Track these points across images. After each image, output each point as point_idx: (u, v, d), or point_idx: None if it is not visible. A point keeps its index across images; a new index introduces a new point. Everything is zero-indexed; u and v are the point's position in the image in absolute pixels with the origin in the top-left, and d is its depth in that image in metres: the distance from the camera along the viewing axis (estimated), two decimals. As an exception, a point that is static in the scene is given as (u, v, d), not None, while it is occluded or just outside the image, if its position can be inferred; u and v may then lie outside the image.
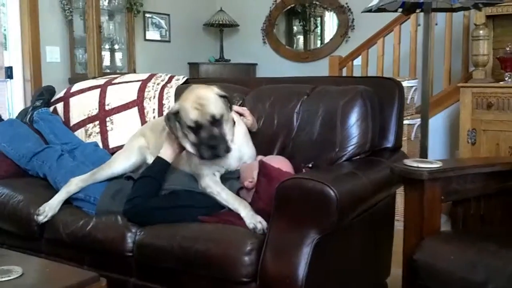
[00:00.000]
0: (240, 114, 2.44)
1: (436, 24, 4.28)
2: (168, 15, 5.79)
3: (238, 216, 2.05)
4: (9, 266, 1.63)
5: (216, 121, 2.10)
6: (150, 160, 2.45)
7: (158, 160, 2.26)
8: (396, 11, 2.91)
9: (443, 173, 1.84)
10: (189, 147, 2.18)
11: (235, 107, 2.43)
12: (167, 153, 2.25)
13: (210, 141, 2.09)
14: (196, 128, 2.10)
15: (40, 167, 2.62)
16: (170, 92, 2.93)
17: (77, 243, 2.25)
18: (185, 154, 2.30)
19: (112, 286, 1.73)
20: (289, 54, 6.14)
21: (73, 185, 2.37)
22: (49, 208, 2.32)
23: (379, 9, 2.72)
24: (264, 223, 1.94)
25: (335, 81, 2.66)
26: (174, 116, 2.15)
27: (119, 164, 2.45)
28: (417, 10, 2.97)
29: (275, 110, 2.47)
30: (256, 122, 2.50)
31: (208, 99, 2.11)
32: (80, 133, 2.94)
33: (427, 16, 2.81)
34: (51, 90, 3.11)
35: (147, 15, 5.57)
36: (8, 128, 2.81)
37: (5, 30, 4.70)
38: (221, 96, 2.16)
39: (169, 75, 3.09)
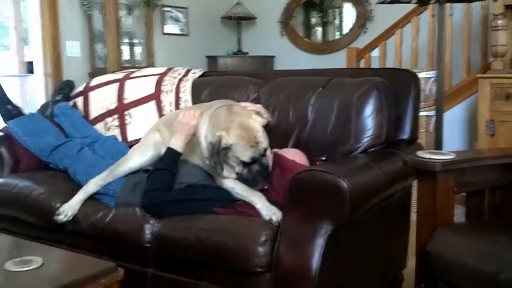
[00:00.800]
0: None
1: (451, 15, 4.23)
2: (186, 8, 5.82)
3: (253, 208, 2.08)
4: (30, 256, 1.68)
5: (265, 154, 2.17)
6: None
7: (169, 151, 2.29)
8: (409, 2, 2.89)
9: (456, 164, 1.83)
10: (226, 173, 2.20)
11: (251, 106, 2.46)
12: (177, 142, 2.29)
13: (262, 173, 2.16)
14: (250, 163, 2.15)
15: (60, 160, 2.67)
16: (186, 85, 2.96)
17: (97, 234, 2.30)
18: (199, 152, 2.34)
19: (131, 276, 1.76)
20: (307, 46, 6.13)
21: (92, 184, 2.41)
22: (68, 208, 2.37)
23: (394, 1, 2.71)
24: (279, 214, 1.96)
25: (351, 73, 2.66)
26: (224, 151, 2.15)
27: (136, 160, 2.48)
28: (432, 1, 2.94)
29: (290, 102, 2.48)
30: (271, 117, 2.52)
31: (258, 132, 2.18)
32: (99, 127, 2.99)
33: (441, 7, 2.79)
34: (71, 85, 3.16)
35: (165, 8, 5.60)
36: (29, 122, 2.87)
37: (25, 25, 4.79)
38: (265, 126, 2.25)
39: (186, 69, 3.12)
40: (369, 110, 2.30)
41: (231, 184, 2.20)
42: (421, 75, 3.66)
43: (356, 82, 2.40)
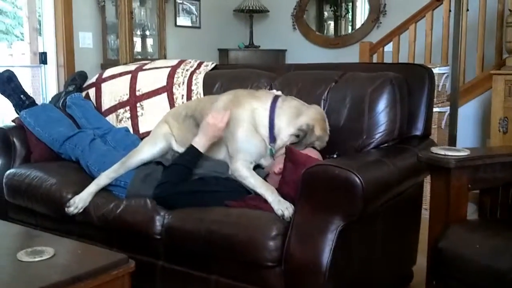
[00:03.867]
0: None
1: (468, 10, 4.19)
2: (199, 1, 5.80)
3: (264, 201, 2.07)
4: (42, 247, 1.69)
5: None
6: (174, 145, 2.50)
7: (191, 149, 2.28)
8: (428, -4, 2.87)
9: (471, 161, 1.82)
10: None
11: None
12: (201, 142, 2.28)
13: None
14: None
15: (72, 151, 2.68)
16: (198, 78, 2.95)
17: (107, 225, 2.31)
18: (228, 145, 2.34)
19: (141, 268, 1.77)
20: (319, 40, 6.09)
21: (104, 177, 2.42)
22: (79, 200, 2.37)
23: (411, -6, 2.68)
24: (291, 209, 1.95)
25: (364, 68, 2.65)
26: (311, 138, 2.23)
27: (147, 151, 2.48)
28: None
29: (302, 96, 2.46)
30: None
31: (326, 122, 2.31)
32: (111, 118, 2.99)
33: (458, 1, 2.75)
34: (83, 76, 3.17)
35: (178, 1, 5.59)
36: (42, 112, 2.87)
37: (39, 16, 4.80)
38: None
39: (198, 61, 3.11)
40: (382, 105, 2.28)
41: (248, 173, 2.19)
42: (435, 71, 3.62)
43: (370, 77, 2.38)
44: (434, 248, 1.76)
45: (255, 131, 2.30)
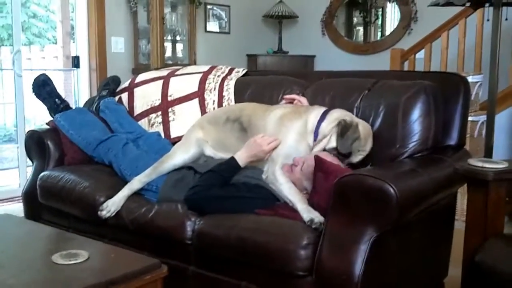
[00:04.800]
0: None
1: (506, 19, 4.11)
2: (229, 6, 5.84)
3: (294, 211, 2.06)
4: (76, 250, 1.72)
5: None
6: (208, 152, 2.52)
7: (232, 161, 2.29)
8: (463, 5, 2.82)
9: (509, 174, 1.78)
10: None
11: (298, 98, 2.51)
12: (242, 156, 2.29)
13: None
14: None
15: (105, 154, 2.71)
16: (230, 84, 2.96)
17: (139, 229, 2.33)
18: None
19: (171, 273, 1.76)
20: (348, 46, 6.07)
21: (136, 181, 2.44)
22: (112, 204, 2.40)
23: (447, 3, 2.65)
24: (321, 218, 1.94)
25: (398, 76, 2.62)
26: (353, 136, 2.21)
27: (179, 157, 2.50)
28: (486, 5, 2.86)
29: (335, 104, 2.45)
30: None
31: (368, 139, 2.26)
32: (143, 123, 3.02)
33: (496, 10, 2.71)
34: (117, 80, 3.21)
35: (208, 6, 5.64)
36: (76, 116, 2.92)
37: (72, 20, 4.89)
38: None
39: (229, 67, 3.12)
40: (416, 114, 2.25)
41: (283, 179, 2.18)
42: (468, 79, 3.57)
43: (404, 85, 2.35)
44: (471, 261, 1.73)
45: (303, 138, 2.31)
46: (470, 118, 3.65)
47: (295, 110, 2.42)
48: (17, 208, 3.63)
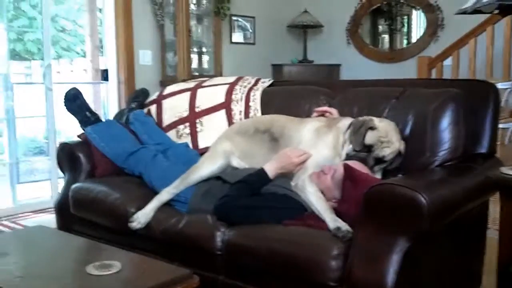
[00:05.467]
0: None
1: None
2: (253, 17, 5.88)
3: (321, 221, 2.05)
4: (109, 260, 1.75)
5: (379, 162, 2.24)
6: (235, 163, 2.54)
7: (261, 172, 2.30)
8: (491, 12, 2.79)
9: (543, 182, 1.75)
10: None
11: (329, 110, 2.52)
12: (272, 168, 2.30)
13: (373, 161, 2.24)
14: (364, 148, 2.23)
15: (135, 166, 2.75)
16: (256, 94, 2.98)
17: (169, 240, 2.35)
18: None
19: (202, 283, 1.78)
20: (373, 54, 6.04)
21: (165, 193, 2.47)
22: (142, 215, 2.43)
23: (475, 11, 2.61)
24: (348, 227, 1.93)
25: (426, 84, 2.60)
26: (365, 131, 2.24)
27: (206, 168, 2.52)
28: (515, 10, 2.81)
29: (363, 114, 2.44)
30: None
31: (393, 146, 2.23)
32: (171, 134, 3.06)
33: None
34: (145, 93, 3.26)
35: (234, 18, 5.69)
36: (106, 128, 2.97)
37: (100, 34, 4.99)
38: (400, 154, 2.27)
39: (255, 78, 3.15)
40: (445, 122, 2.23)
41: (312, 188, 2.19)
42: (497, 86, 3.53)
43: (432, 94, 2.34)
44: (504, 272, 1.70)
45: (336, 150, 2.33)
46: (500, 125, 3.60)
47: (329, 123, 2.44)
48: (49, 220, 3.69)
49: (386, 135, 2.22)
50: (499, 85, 3.67)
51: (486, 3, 2.31)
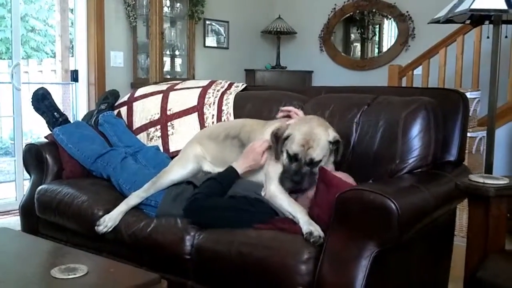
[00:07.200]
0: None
1: (506, 37, 4.14)
2: (227, 22, 5.87)
3: (293, 224, 2.05)
4: (75, 264, 1.70)
5: (312, 163, 2.17)
6: (206, 167, 2.52)
7: (230, 169, 2.31)
8: (463, 22, 2.84)
9: (511, 190, 1.78)
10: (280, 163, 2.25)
11: (295, 110, 2.48)
12: (240, 166, 2.31)
13: (294, 176, 2.16)
14: (292, 159, 2.18)
15: (104, 168, 2.70)
16: (229, 98, 2.97)
17: (138, 244, 2.31)
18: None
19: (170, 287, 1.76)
20: (345, 62, 6.10)
21: (134, 197, 2.43)
22: (109, 219, 2.39)
23: (447, 20, 2.66)
24: (321, 233, 1.93)
25: (397, 91, 2.62)
26: (283, 139, 2.21)
27: (177, 172, 2.48)
28: (486, 22, 2.88)
29: (334, 120, 2.45)
30: None
31: (316, 141, 2.16)
32: (142, 137, 3.02)
33: (496, 28, 2.73)
34: (115, 94, 3.21)
35: (207, 22, 5.67)
36: (75, 129, 2.92)
37: (71, 35, 4.91)
38: (333, 142, 2.22)
39: (228, 82, 3.13)
40: (416, 130, 2.25)
41: (278, 192, 2.19)
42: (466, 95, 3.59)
43: (404, 101, 2.36)
44: (472, 278, 1.72)
45: None
46: (468, 134, 3.66)
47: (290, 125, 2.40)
48: (14, 222, 3.61)
49: (304, 137, 2.17)
50: (469, 95, 3.73)
51: (459, 13, 2.36)
